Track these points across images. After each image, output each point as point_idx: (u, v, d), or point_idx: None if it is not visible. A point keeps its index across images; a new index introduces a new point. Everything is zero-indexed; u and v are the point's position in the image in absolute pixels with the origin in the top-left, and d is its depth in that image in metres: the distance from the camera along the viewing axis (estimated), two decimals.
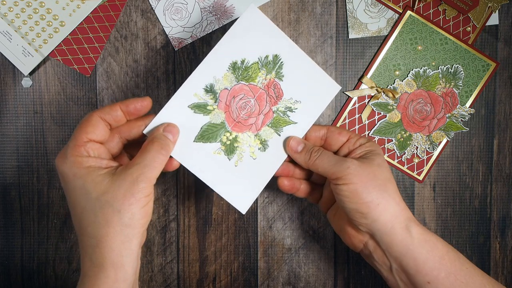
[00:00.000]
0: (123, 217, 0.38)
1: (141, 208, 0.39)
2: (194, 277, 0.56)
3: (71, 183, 0.39)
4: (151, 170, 0.39)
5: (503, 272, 0.57)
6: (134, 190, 0.38)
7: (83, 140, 0.40)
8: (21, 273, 0.56)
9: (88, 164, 0.39)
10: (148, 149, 0.40)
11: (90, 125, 0.40)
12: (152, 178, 0.39)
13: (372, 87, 0.54)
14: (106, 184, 0.38)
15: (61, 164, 0.39)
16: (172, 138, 0.42)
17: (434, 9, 0.55)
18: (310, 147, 0.46)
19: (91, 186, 0.38)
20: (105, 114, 0.41)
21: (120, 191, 0.38)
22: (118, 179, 0.39)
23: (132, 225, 0.38)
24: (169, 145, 0.41)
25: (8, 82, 0.54)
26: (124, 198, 0.38)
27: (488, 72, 0.55)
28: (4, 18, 0.52)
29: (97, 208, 0.38)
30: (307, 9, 0.55)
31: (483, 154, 0.56)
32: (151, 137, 0.41)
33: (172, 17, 0.54)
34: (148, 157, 0.40)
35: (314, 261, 0.57)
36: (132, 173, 0.39)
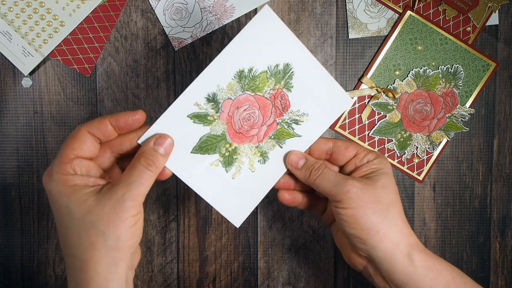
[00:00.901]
0: (108, 240, 0.36)
1: (127, 229, 0.36)
2: (194, 277, 0.56)
3: (56, 202, 0.37)
4: (138, 187, 0.37)
5: (503, 272, 0.57)
6: (119, 210, 0.36)
7: (69, 157, 0.37)
8: (21, 273, 0.56)
9: (74, 182, 0.37)
10: (135, 165, 0.38)
11: (77, 140, 0.38)
12: (139, 196, 0.37)
13: (372, 87, 0.54)
14: (90, 203, 0.36)
15: (47, 182, 0.37)
16: (164, 151, 0.39)
17: (434, 9, 0.55)
18: (311, 163, 0.43)
19: (75, 206, 0.36)
20: (94, 128, 0.38)
21: (104, 211, 0.36)
22: (103, 198, 0.36)
23: (118, 248, 0.36)
24: (158, 160, 0.38)
25: (8, 82, 0.54)
26: (108, 219, 0.36)
27: (488, 72, 0.55)
28: (4, 18, 0.52)
29: (81, 229, 0.36)
30: (307, 9, 0.55)
31: (483, 154, 0.56)
32: (140, 152, 0.39)
33: (172, 17, 0.54)
34: (135, 173, 0.37)
35: (314, 261, 0.57)
36: (117, 191, 0.36)
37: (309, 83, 0.42)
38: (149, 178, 0.38)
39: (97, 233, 0.36)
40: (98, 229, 0.36)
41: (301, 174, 0.43)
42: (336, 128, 0.55)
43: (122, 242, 0.36)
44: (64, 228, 0.37)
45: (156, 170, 0.38)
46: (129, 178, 0.37)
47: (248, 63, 0.40)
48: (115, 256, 0.36)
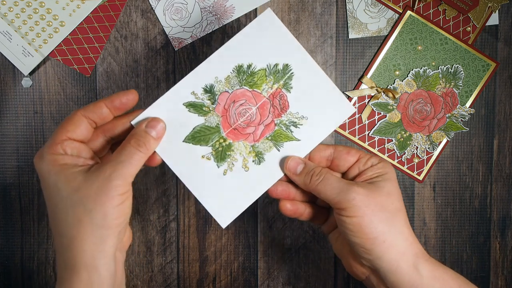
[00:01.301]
0: (94, 217, 0.36)
1: (115, 207, 0.36)
2: (194, 277, 0.56)
3: (45, 181, 0.38)
4: (127, 167, 0.37)
5: (503, 272, 0.57)
6: (107, 187, 0.36)
7: (61, 138, 0.38)
8: (21, 273, 0.56)
9: (64, 161, 0.37)
10: (125, 145, 0.38)
11: (72, 123, 0.38)
12: (127, 175, 0.37)
13: (372, 87, 0.54)
14: (78, 181, 0.36)
15: (38, 162, 0.38)
16: (155, 134, 0.39)
17: (434, 9, 0.55)
18: (310, 168, 0.41)
19: (63, 184, 0.37)
20: (89, 112, 0.39)
21: (92, 189, 0.36)
22: (91, 177, 0.36)
23: (105, 225, 0.36)
24: (149, 142, 0.39)
25: (8, 82, 0.54)
26: (96, 196, 0.36)
27: (488, 72, 0.55)
28: (4, 18, 0.52)
29: (69, 207, 0.36)
30: (307, 9, 0.55)
31: (483, 154, 0.56)
32: (131, 133, 0.39)
33: (172, 17, 0.54)
34: (124, 153, 0.37)
35: (314, 261, 0.57)
36: (106, 169, 0.36)
37: (309, 87, 0.42)
38: (139, 159, 0.38)
39: (84, 210, 0.36)
40: (85, 206, 0.36)
41: (301, 180, 0.42)
42: (336, 128, 0.55)
43: (109, 220, 0.36)
44: (53, 206, 0.38)
45: (146, 152, 0.38)
46: (118, 158, 0.37)
47: (247, 59, 0.41)
48: (102, 233, 0.36)
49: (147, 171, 0.55)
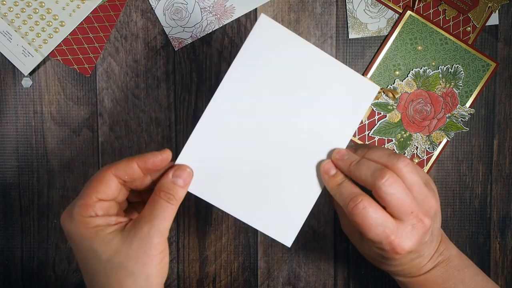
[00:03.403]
0: (137, 280, 0.35)
1: (156, 267, 0.36)
2: (194, 277, 0.56)
3: (79, 245, 0.36)
4: (162, 222, 0.36)
5: (503, 272, 0.57)
6: (147, 247, 0.35)
7: (93, 200, 0.37)
8: (21, 273, 0.56)
9: (96, 223, 0.36)
10: (155, 200, 0.37)
11: (103, 184, 0.37)
12: (164, 231, 0.36)
13: None
14: (116, 243, 0.35)
15: (67, 224, 0.37)
16: (182, 183, 0.38)
17: (434, 9, 0.55)
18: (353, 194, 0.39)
19: (100, 247, 0.36)
20: (120, 171, 0.38)
21: (132, 250, 0.35)
22: (128, 236, 0.36)
23: (148, 286, 0.35)
24: (178, 193, 0.38)
25: (8, 82, 0.54)
26: (137, 257, 0.35)
27: (488, 72, 0.55)
28: (4, 18, 0.52)
29: (109, 271, 0.35)
30: (307, 9, 0.55)
31: (483, 154, 0.56)
32: (159, 185, 0.38)
33: (172, 17, 0.54)
34: (157, 207, 0.36)
35: (314, 261, 0.57)
36: (142, 228, 0.36)
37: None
38: (172, 212, 0.37)
39: (126, 273, 0.35)
40: (126, 269, 0.35)
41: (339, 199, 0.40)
42: None
43: (151, 280, 0.36)
44: (90, 270, 0.36)
45: (176, 203, 0.37)
46: (151, 213, 0.36)
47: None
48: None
49: None
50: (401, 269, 0.41)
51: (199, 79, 0.55)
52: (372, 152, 0.40)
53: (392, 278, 0.45)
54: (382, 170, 0.37)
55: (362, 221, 0.37)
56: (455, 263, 0.43)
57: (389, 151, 0.39)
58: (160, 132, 0.55)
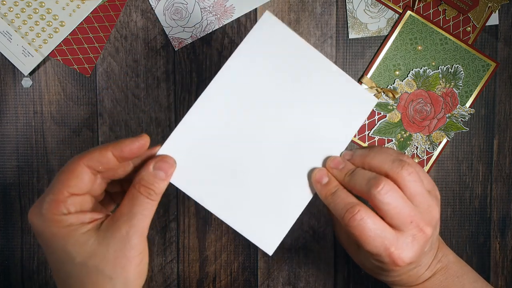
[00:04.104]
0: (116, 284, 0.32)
1: (135, 268, 0.33)
2: (194, 277, 0.56)
3: (51, 246, 0.33)
4: (142, 221, 0.33)
5: (503, 272, 0.57)
6: (126, 249, 0.32)
7: (64, 195, 0.33)
8: (21, 273, 0.56)
9: (68, 222, 0.33)
10: (135, 196, 0.34)
11: (74, 176, 0.33)
12: (144, 230, 0.33)
13: (372, 87, 0.54)
14: (91, 244, 0.32)
15: (36, 221, 0.33)
16: (164, 175, 0.35)
17: (434, 9, 0.55)
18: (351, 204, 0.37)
19: (74, 249, 0.32)
20: (93, 161, 0.34)
21: (109, 253, 0.32)
22: (105, 237, 0.33)
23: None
24: (159, 187, 0.34)
25: (8, 82, 0.54)
26: (115, 260, 0.32)
27: (488, 72, 0.55)
28: (4, 18, 0.52)
29: (84, 275, 0.33)
30: (307, 9, 0.55)
31: (483, 154, 0.56)
32: (139, 178, 0.34)
33: (172, 17, 0.54)
34: (136, 204, 0.33)
35: (314, 261, 0.57)
36: (120, 227, 0.33)
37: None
38: (152, 208, 0.34)
39: (103, 278, 0.32)
40: (103, 273, 0.32)
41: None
42: None
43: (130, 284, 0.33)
44: (63, 274, 0.34)
45: (157, 198, 0.35)
46: (130, 211, 0.33)
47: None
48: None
49: None
50: (399, 279, 0.40)
51: (199, 79, 0.55)
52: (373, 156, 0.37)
53: None
54: (377, 178, 0.35)
55: (360, 233, 0.35)
56: (454, 270, 0.42)
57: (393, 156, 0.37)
58: (160, 132, 0.55)
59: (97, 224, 0.34)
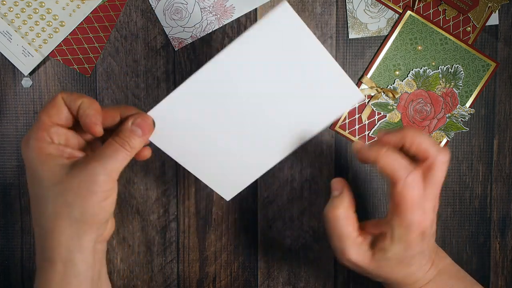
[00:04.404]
0: (73, 211, 0.35)
1: (96, 204, 0.35)
2: (194, 277, 0.56)
3: (30, 169, 0.37)
4: (111, 163, 0.36)
5: (503, 272, 0.57)
6: (90, 182, 0.35)
7: (46, 124, 0.37)
8: (21, 273, 0.56)
9: (48, 151, 0.36)
10: (110, 142, 0.37)
11: (54, 106, 0.37)
12: (112, 171, 0.36)
13: (372, 87, 0.54)
14: (61, 173, 0.36)
15: (24, 148, 0.37)
16: (141, 133, 0.38)
17: (434, 9, 0.55)
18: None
19: (47, 175, 0.36)
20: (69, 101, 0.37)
21: (74, 183, 0.35)
22: (75, 170, 0.35)
23: (83, 221, 0.36)
24: (135, 141, 0.37)
25: (8, 82, 0.54)
26: (77, 190, 0.35)
27: (488, 72, 0.55)
28: (4, 18, 0.52)
29: (49, 198, 0.36)
30: (307, 9, 0.55)
31: (483, 154, 0.56)
32: (119, 128, 0.38)
33: (172, 17, 0.54)
34: (110, 149, 0.36)
35: (314, 261, 0.57)
36: (90, 163, 0.35)
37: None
38: (124, 156, 0.37)
39: (63, 203, 0.35)
40: (65, 199, 0.35)
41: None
42: (336, 128, 0.55)
43: (87, 216, 0.36)
44: (34, 196, 0.37)
45: (131, 151, 0.37)
46: (103, 152, 0.36)
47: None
48: (79, 228, 0.36)
49: (147, 171, 0.55)
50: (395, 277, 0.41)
51: None
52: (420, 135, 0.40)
53: None
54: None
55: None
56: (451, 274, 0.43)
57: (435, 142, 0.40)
58: None
59: (73, 161, 0.37)
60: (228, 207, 0.56)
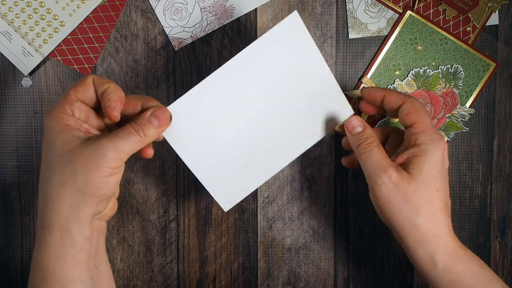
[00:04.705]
0: (77, 180, 0.36)
1: (100, 178, 0.37)
2: (194, 277, 0.56)
3: (46, 136, 0.39)
4: (123, 143, 0.37)
5: (503, 272, 0.57)
6: (98, 156, 0.36)
7: (71, 98, 0.39)
8: (21, 273, 0.56)
9: (68, 122, 0.38)
10: (126, 125, 0.39)
11: (82, 84, 0.39)
12: (122, 151, 0.37)
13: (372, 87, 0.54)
14: (74, 144, 0.37)
15: (47, 118, 0.39)
16: (157, 124, 0.40)
17: (434, 9, 0.55)
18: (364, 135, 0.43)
19: (60, 143, 0.37)
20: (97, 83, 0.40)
21: (84, 154, 0.36)
22: (87, 143, 0.37)
23: (85, 191, 0.37)
24: (149, 131, 0.39)
25: (8, 82, 0.54)
26: (85, 161, 0.36)
27: (488, 72, 0.55)
28: (4, 18, 0.52)
29: (58, 165, 0.37)
30: (307, 9, 0.55)
31: (483, 154, 0.56)
32: (138, 116, 0.40)
33: (172, 17, 0.54)
34: (124, 131, 0.38)
35: (314, 261, 0.57)
36: (102, 140, 0.37)
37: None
38: (137, 141, 0.38)
39: (70, 171, 0.36)
40: (72, 167, 0.36)
41: (352, 140, 0.44)
42: (336, 128, 0.55)
43: (90, 187, 0.37)
44: (45, 161, 0.38)
45: (144, 139, 0.39)
46: (117, 133, 0.38)
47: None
48: (80, 198, 0.37)
49: (147, 171, 0.55)
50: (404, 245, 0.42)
51: (199, 79, 0.55)
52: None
53: (392, 279, 0.45)
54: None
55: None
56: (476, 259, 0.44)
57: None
58: None
59: (88, 135, 0.39)
60: None
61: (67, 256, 0.37)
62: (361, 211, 0.56)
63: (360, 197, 0.56)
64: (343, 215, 0.56)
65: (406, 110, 0.43)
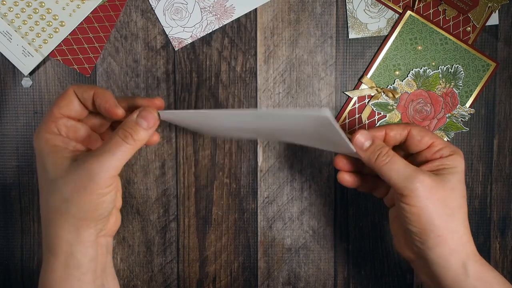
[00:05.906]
0: (69, 207, 0.35)
1: (93, 201, 0.35)
2: (194, 277, 0.56)
3: (38, 159, 0.38)
4: (110, 159, 0.35)
5: (503, 272, 0.57)
6: (87, 181, 0.35)
7: (56, 116, 0.38)
8: (21, 273, 0.56)
9: (54, 142, 0.37)
10: (112, 137, 0.37)
11: (64, 99, 0.38)
12: (111, 168, 0.35)
13: (372, 87, 0.54)
14: (63, 168, 0.36)
15: (35, 139, 0.38)
16: (147, 125, 0.38)
17: (434, 9, 0.55)
18: (378, 146, 0.40)
19: (50, 167, 0.36)
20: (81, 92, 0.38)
21: (72, 179, 0.35)
22: (75, 165, 0.35)
23: (81, 217, 0.36)
24: (139, 133, 0.37)
25: (8, 82, 0.54)
26: (74, 187, 0.35)
27: (488, 72, 0.55)
28: (4, 18, 0.52)
29: (51, 191, 0.36)
30: (307, 9, 0.55)
31: (483, 154, 0.56)
32: (123, 122, 0.38)
33: (172, 17, 0.54)
34: (110, 144, 0.36)
35: (314, 261, 0.57)
36: (89, 160, 0.35)
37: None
38: (126, 151, 0.36)
39: (61, 198, 0.36)
40: (62, 194, 0.35)
41: (366, 156, 0.41)
42: None
43: (84, 213, 0.36)
44: (40, 188, 0.38)
45: (134, 144, 0.37)
46: (103, 149, 0.36)
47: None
48: (76, 224, 0.36)
49: (147, 171, 0.55)
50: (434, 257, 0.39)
51: (199, 79, 0.55)
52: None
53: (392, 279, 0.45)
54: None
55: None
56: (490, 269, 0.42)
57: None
58: (160, 132, 0.55)
59: (77, 154, 0.37)
60: (228, 207, 0.56)
61: (72, 278, 0.37)
62: (361, 211, 0.56)
63: (360, 197, 0.56)
64: (343, 215, 0.56)
65: (419, 136, 0.41)
